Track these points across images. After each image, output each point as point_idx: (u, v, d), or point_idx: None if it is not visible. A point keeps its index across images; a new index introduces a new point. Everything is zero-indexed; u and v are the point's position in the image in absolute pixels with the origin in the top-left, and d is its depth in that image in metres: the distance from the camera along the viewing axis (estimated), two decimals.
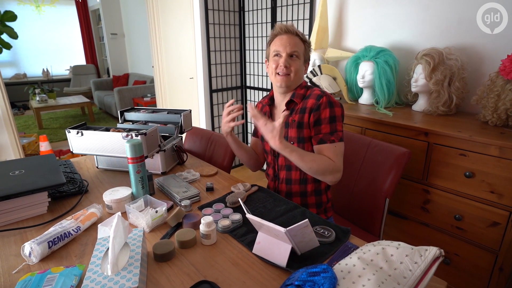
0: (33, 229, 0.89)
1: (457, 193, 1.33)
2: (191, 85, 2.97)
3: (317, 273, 0.60)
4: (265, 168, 1.29)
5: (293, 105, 1.13)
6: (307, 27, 2.28)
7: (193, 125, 1.62)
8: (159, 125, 1.40)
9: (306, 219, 0.67)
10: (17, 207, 0.92)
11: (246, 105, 3.08)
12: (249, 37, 2.83)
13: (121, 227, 0.66)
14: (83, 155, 1.48)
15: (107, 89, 6.25)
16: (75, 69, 7.00)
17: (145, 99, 4.95)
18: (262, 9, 2.61)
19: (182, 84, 3.14)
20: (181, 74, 3.11)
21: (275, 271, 0.72)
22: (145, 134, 1.12)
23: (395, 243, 0.66)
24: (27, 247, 0.75)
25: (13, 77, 6.64)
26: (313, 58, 2.01)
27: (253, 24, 2.74)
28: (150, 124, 1.43)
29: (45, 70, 6.93)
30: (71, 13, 6.94)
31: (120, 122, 1.46)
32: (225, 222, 0.88)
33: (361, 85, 1.79)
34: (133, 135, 1.13)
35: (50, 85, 6.30)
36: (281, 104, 1.16)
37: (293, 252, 0.72)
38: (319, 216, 0.95)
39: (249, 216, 0.76)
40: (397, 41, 1.81)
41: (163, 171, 1.27)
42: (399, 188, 1.50)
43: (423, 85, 1.54)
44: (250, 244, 0.80)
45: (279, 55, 1.08)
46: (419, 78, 1.54)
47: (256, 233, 0.80)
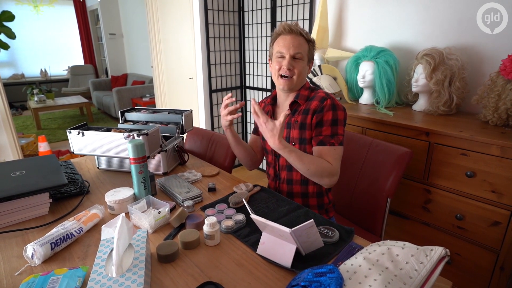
0: (34, 230, 0.89)
1: (458, 192, 1.33)
2: (190, 85, 2.96)
3: (323, 273, 0.60)
4: (264, 168, 1.29)
5: (296, 105, 1.12)
6: (307, 27, 2.27)
7: (193, 125, 1.62)
8: (160, 125, 1.39)
9: (311, 220, 0.67)
10: (18, 208, 0.91)
11: (245, 105, 3.08)
12: (249, 37, 2.82)
13: (126, 228, 0.66)
14: (83, 155, 1.47)
15: (105, 89, 6.23)
16: (73, 69, 6.97)
17: (144, 99, 4.94)
18: (262, 9, 2.61)
19: (181, 84, 3.13)
20: (180, 74, 3.11)
21: (280, 271, 0.72)
22: (147, 134, 1.12)
23: (400, 243, 0.66)
24: (29, 249, 0.74)
25: (11, 77, 6.61)
26: None
27: (253, 24, 2.74)
28: (151, 124, 1.43)
29: (43, 70, 6.90)
30: (70, 13, 6.91)
31: (120, 122, 1.46)
32: (229, 222, 0.87)
33: (361, 85, 1.79)
34: (135, 135, 1.13)
35: (48, 85, 6.27)
36: (284, 104, 1.16)
37: (297, 252, 0.72)
38: (322, 216, 0.94)
39: (253, 216, 0.76)
40: (397, 41, 1.82)
41: (165, 172, 1.27)
42: (400, 188, 1.50)
43: (424, 85, 1.54)
44: (254, 244, 0.80)
45: (282, 56, 1.07)
46: (419, 78, 1.55)
47: (259, 233, 0.80)
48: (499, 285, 1.29)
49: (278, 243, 0.75)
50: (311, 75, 1.93)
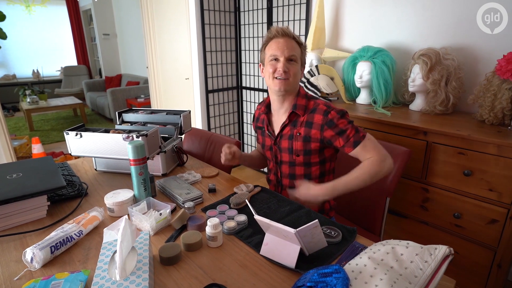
0: (33, 234, 0.87)
1: (456, 191, 1.34)
2: (186, 85, 2.94)
3: (329, 273, 0.60)
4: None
5: (295, 117, 1.10)
6: (303, 28, 2.28)
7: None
8: (158, 126, 1.38)
9: (316, 220, 0.67)
10: (15, 211, 0.89)
11: (242, 105, 3.08)
12: (245, 38, 2.82)
13: (129, 231, 0.65)
14: (78, 157, 1.45)
15: (99, 90, 6.16)
16: (67, 70, 6.88)
17: (138, 100, 4.89)
18: (258, 9, 2.60)
19: (177, 84, 3.11)
20: (176, 74, 3.09)
21: (284, 272, 0.71)
22: (146, 135, 1.11)
23: (404, 242, 0.66)
24: (28, 253, 0.73)
25: (2, 78, 6.50)
26: (310, 58, 2.02)
27: (249, 24, 2.74)
28: (149, 125, 1.41)
29: (36, 71, 6.80)
30: (62, 13, 6.82)
31: (118, 123, 1.44)
32: (231, 223, 0.87)
33: (358, 85, 1.80)
34: (134, 136, 1.11)
35: (40, 86, 6.19)
36: (279, 111, 1.14)
37: (300, 253, 0.72)
38: (323, 216, 0.94)
39: (257, 217, 0.75)
40: (394, 41, 1.83)
41: (164, 173, 1.26)
42: (399, 187, 1.51)
43: (421, 84, 1.55)
44: (257, 245, 0.79)
45: (276, 59, 1.05)
46: (416, 77, 1.56)
47: (262, 234, 0.80)
48: (497, 282, 1.30)
49: (281, 243, 0.74)
50: (308, 75, 1.93)
